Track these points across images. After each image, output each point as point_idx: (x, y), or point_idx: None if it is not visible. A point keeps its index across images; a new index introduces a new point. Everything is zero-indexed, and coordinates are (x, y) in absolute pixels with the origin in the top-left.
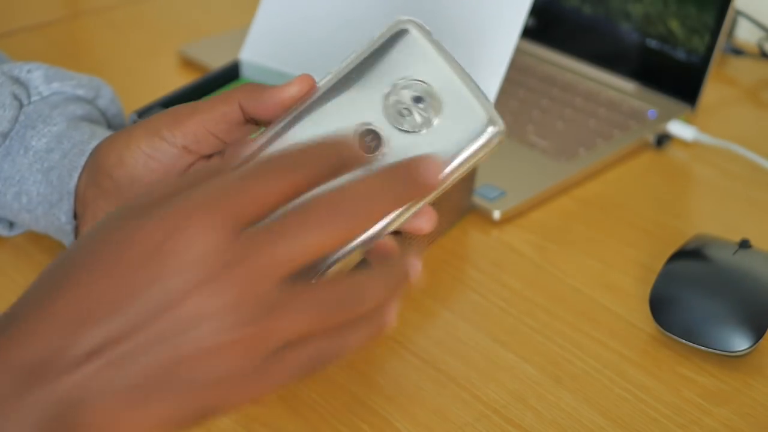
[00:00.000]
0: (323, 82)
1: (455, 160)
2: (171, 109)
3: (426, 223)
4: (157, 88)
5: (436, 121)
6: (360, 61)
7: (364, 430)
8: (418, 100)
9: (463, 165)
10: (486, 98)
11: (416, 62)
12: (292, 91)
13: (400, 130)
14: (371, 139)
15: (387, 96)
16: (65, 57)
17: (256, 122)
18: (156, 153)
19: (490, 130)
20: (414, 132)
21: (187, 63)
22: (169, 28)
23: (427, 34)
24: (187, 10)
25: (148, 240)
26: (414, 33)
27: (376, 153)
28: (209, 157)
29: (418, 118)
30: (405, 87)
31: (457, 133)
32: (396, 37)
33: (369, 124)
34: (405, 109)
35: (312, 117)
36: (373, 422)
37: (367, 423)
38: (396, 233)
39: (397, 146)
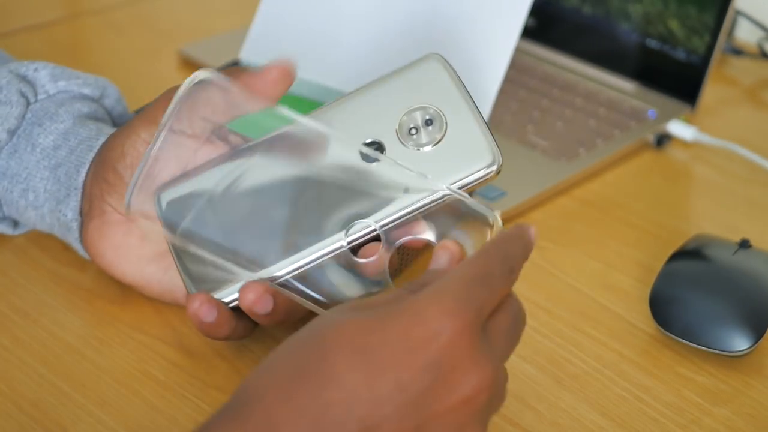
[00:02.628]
0: (351, 92)
1: (449, 184)
2: (167, 92)
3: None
4: (157, 88)
5: (440, 145)
6: (386, 82)
7: None
8: (428, 122)
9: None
10: (490, 134)
11: (434, 91)
12: (273, 75)
13: (404, 146)
14: (375, 149)
15: (401, 115)
16: (66, 57)
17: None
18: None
19: (488, 162)
20: (417, 150)
21: (188, 63)
22: (169, 29)
23: (451, 69)
24: (187, 11)
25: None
26: (438, 66)
27: (376, 163)
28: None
29: (424, 139)
30: (419, 110)
31: (458, 158)
32: (422, 67)
33: (375, 137)
34: (414, 128)
35: (334, 121)
36: None
37: None
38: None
39: (398, 159)
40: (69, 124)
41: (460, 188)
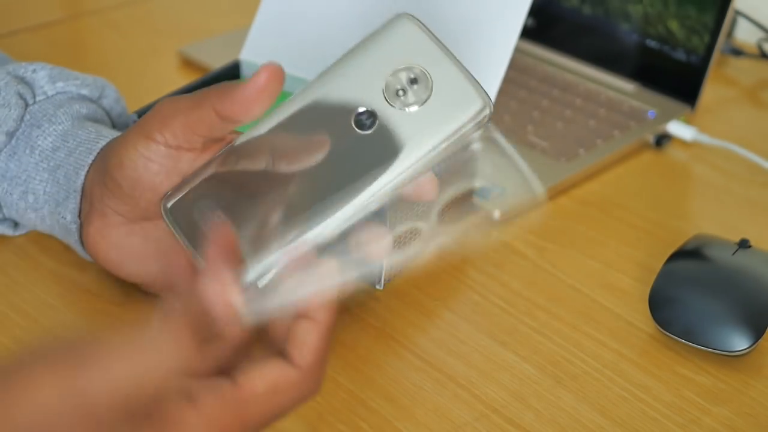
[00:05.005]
0: (327, 68)
1: (449, 136)
2: (157, 108)
3: (429, 189)
4: (157, 89)
5: (429, 101)
6: (361, 50)
7: (364, 430)
8: (413, 81)
9: (454, 141)
10: (475, 80)
11: (412, 50)
12: (260, 82)
13: (396, 108)
14: (367, 117)
15: (385, 79)
16: (66, 57)
17: (233, 121)
18: (152, 155)
19: (479, 107)
20: (408, 110)
21: (188, 63)
22: (169, 29)
23: (423, 26)
24: (187, 11)
25: None
26: (410, 25)
27: (372, 130)
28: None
29: (412, 98)
30: (402, 71)
31: (449, 111)
32: (394, 28)
33: (366, 105)
34: (401, 89)
35: (315, 98)
36: (373, 422)
37: (367, 423)
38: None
39: (392, 123)
40: (68, 126)
41: (457, 138)
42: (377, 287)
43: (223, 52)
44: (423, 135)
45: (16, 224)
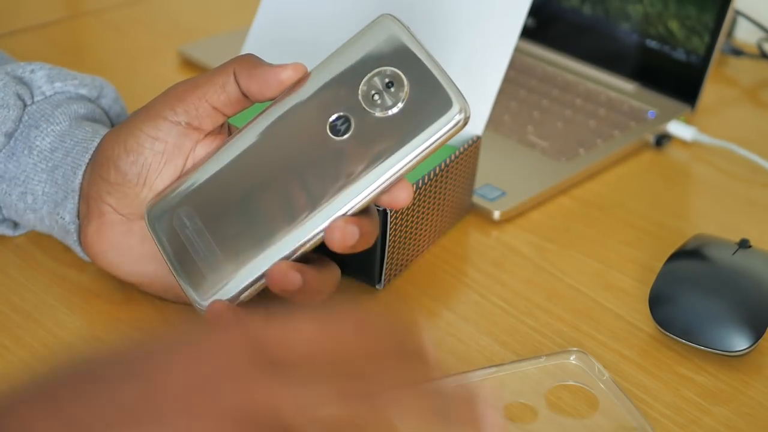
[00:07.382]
0: (309, 72)
1: (424, 140)
2: (170, 88)
3: (403, 195)
4: (157, 89)
5: (405, 104)
6: (340, 53)
7: None
8: (389, 85)
9: (429, 146)
10: (453, 84)
11: (390, 53)
12: (285, 75)
13: (371, 113)
14: (341, 123)
15: (362, 83)
16: (66, 57)
17: (247, 96)
18: (160, 134)
19: (455, 111)
20: (384, 115)
21: (188, 63)
22: (169, 29)
23: (404, 28)
24: (187, 11)
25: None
26: (389, 26)
27: (347, 135)
28: (212, 134)
29: (387, 102)
30: (378, 75)
31: (424, 115)
32: (375, 30)
33: (341, 110)
34: (376, 94)
35: (294, 105)
36: None
37: None
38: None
39: (367, 128)
40: (65, 126)
41: (432, 143)
42: (377, 287)
43: (223, 52)
44: (398, 141)
45: (15, 224)
